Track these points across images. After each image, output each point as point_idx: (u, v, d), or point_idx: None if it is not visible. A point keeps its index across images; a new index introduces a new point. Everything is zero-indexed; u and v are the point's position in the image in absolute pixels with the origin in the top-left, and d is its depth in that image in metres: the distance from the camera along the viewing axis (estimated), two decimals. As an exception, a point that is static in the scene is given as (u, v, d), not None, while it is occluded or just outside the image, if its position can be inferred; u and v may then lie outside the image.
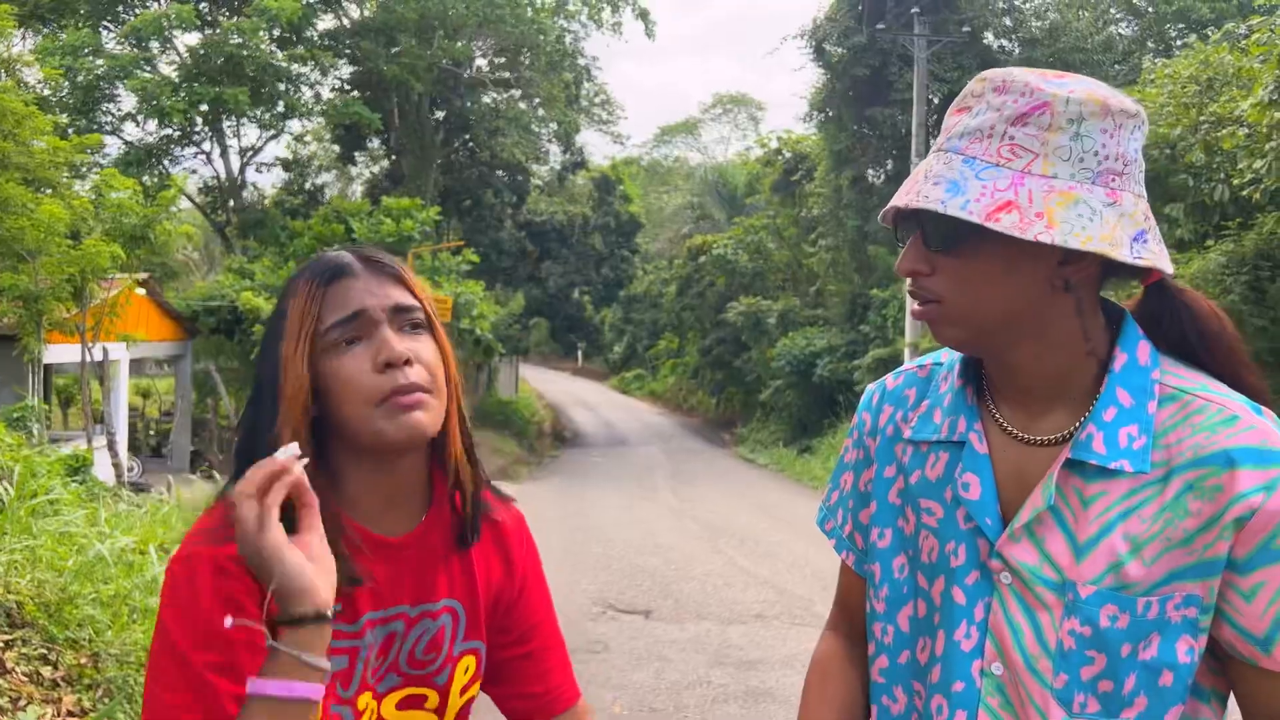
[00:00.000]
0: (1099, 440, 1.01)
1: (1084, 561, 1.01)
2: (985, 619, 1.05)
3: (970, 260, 1.01)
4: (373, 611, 1.11)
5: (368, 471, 1.10)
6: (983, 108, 1.01)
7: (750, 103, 49.88)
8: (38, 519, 5.09)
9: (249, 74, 19.30)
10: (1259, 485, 0.96)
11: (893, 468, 1.17)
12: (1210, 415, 1.00)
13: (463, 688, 1.19)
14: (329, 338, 1.06)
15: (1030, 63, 22.61)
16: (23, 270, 10.14)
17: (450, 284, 19.53)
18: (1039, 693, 1.01)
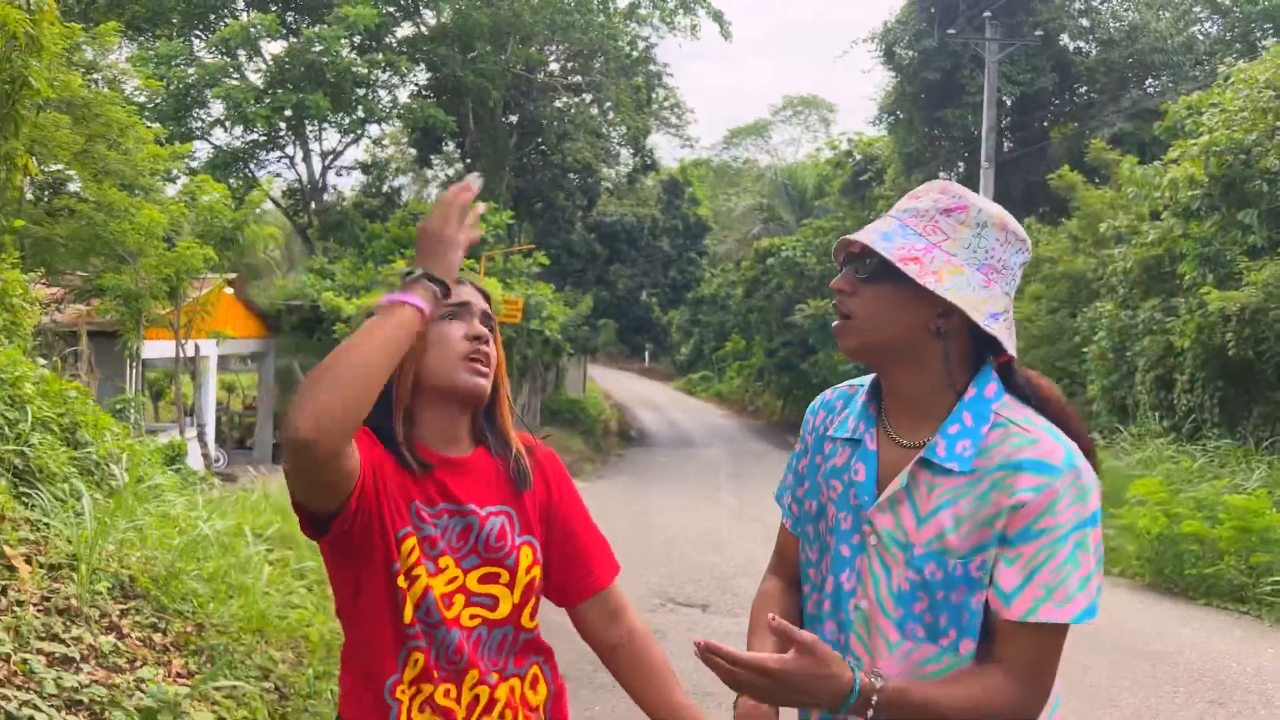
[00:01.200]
0: (941, 447, 1.39)
1: (921, 530, 1.39)
2: (859, 569, 1.45)
3: (880, 291, 1.40)
4: (446, 503, 1.57)
5: (435, 414, 1.58)
6: (927, 198, 1.43)
7: (821, 105, 49.70)
8: (142, 503, 5.55)
9: (330, 80, 19.98)
10: (1032, 487, 1.33)
11: (820, 456, 1.57)
12: (1021, 437, 1.37)
13: (526, 568, 1.61)
14: (441, 311, 1.50)
15: (1108, 64, 22.28)
16: (124, 271, 10.80)
17: (521, 286, 19.99)
18: (885, 622, 1.42)
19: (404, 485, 1.52)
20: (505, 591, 1.58)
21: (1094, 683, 5.18)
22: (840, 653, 1.37)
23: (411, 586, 1.50)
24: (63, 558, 4.25)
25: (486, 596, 1.57)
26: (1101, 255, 14.81)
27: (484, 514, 1.58)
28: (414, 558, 1.51)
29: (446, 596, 1.53)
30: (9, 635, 3.35)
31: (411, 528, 1.52)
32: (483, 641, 1.57)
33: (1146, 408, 12.59)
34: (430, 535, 1.53)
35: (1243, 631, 6.68)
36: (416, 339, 1.43)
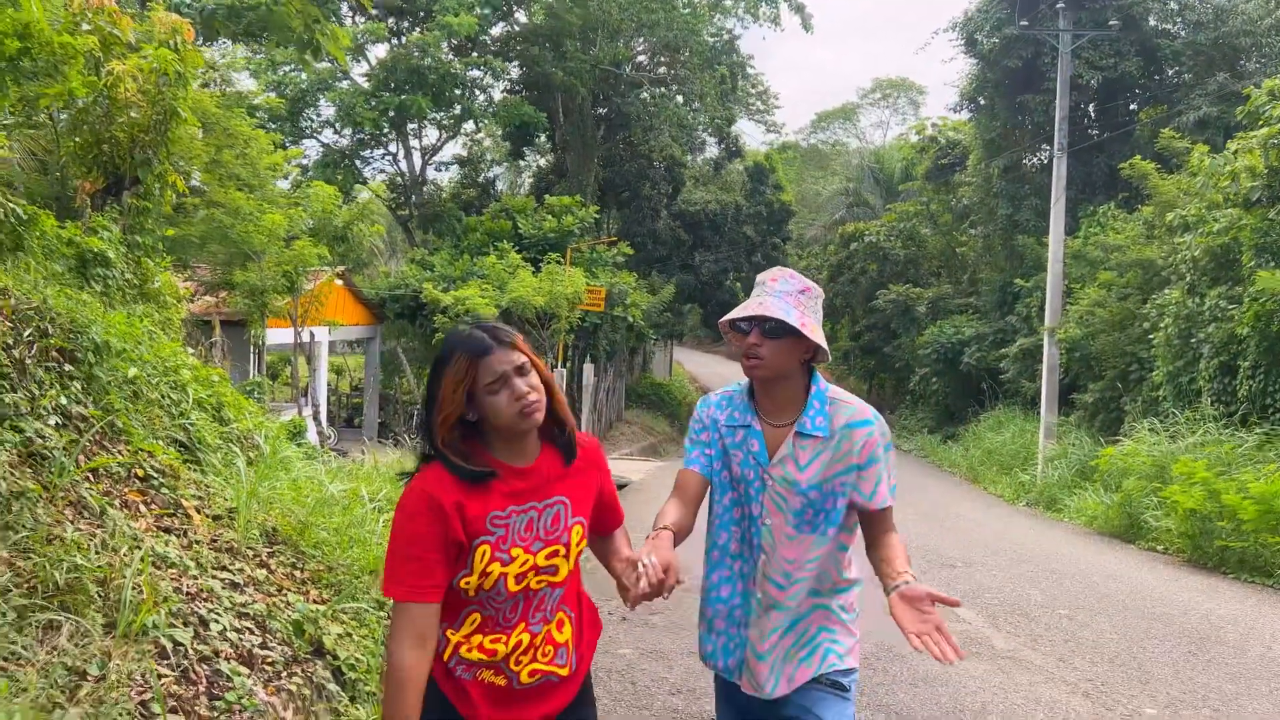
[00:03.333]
0: (809, 424, 2.40)
1: (803, 473, 2.40)
2: (763, 500, 2.42)
3: (780, 344, 2.37)
4: (515, 505, 2.10)
5: (505, 440, 2.12)
6: (785, 282, 2.41)
7: (910, 87, 49.34)
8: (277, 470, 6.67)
9: (431, 82, 21.22)
10: (865, 435, 2.37)
11: (718, 435, 2.52)
12: (847, 408, 2.41)
13: (577, 542, 2.19)
14: (488, 389, 2.03)
15: (1194, 47, 22.02)
16: (250, 268, 12.11)
17: (605, 275, 20.94)
18: (787, 528, 2.41)
19: (483, 504, 2.03)
20: (564, 562, 2.13)
21: (1085, 633, 5.87)
22: (754, 549, 2.45)
23: (486, 580, 2.03)
24: (223, 510, 5.34)
25: (551, 567, 2.11)
26: (1172, 243, 15.00)
27: (542, 506, 2.11)
28: (486, 559, 2.03)
29: (521, 575, 2.06)
30: (194, 564, 4.43)
31: (487, 536, 2.03)
32: (548, 598, 2.13)
33: (1210, 394, 12.86)
34: (502, 535, 2.04)
35: (1255, 600, 7.22)
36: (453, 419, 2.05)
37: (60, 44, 6.62)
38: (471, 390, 1.98)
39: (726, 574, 2.50)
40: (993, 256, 26.65)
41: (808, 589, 2.42)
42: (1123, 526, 10.90)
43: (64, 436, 4.39)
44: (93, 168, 8.11)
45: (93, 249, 7.27)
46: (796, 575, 2.39)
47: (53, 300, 5.13)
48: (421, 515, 1.96)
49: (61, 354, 4.93)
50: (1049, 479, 15.26)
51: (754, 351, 2.32)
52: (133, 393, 5.59)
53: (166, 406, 6.05)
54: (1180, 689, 4.79)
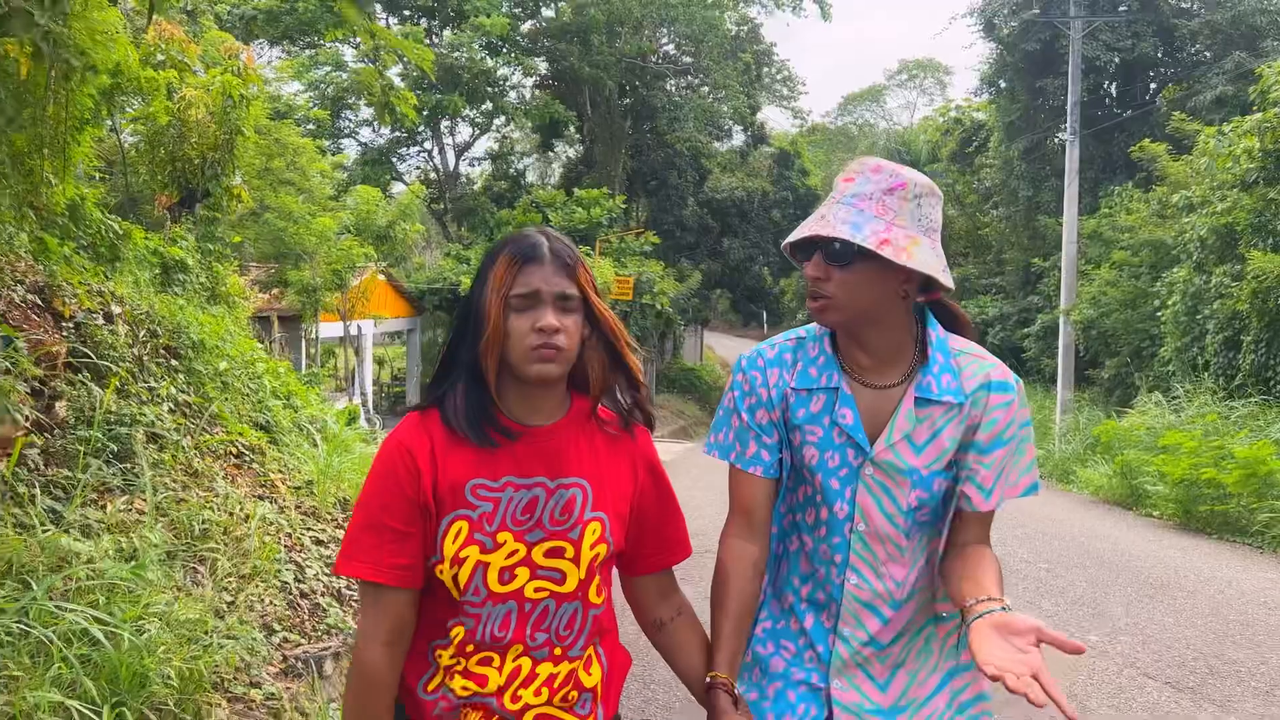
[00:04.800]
0: (934, 385, 1.66)
1: (922, 455, 1.67)
2: (853, 497, 1.69)
3: (853, 273, 1.60)
4: (513, 475, 1.56)
5: (518, 386, 1.57)
6: (864, 180, 1.62)
7: (937, 68, 49.51)
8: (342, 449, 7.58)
9: (464, 81, 22.10)
10: (1002, 404, 1.66)
11: (784, 405, 1.74)
12: (980, 364, 1.68)
13: (591, 544, 1.58)
14: (515, 303, 1.52)
15: (1211, 26, 22.33)
16: (303, 267, 13.06)
17: (634, 264, 21.75)
18: (893, 533, 1.70)
19: (467, 465, 1.54)
20: (571, 566, 1.57)
21: (1058, 582, 6.61)
22: (836, 570, 1.72)
23: (459, 568, 1.51)
24: (301, 482, 6.24)
25: (553, 570, 1.56)
26: (1180, 223, 15.52)
27: (553, 485, 1.57)
28: (461, 540, 1.52)
29: (507, 570, 1.53)
30: (286, 523, 5.32)
31: (464, 510, 1.53)
32: (551, 613, 1.58)
33: (1215, 368, 13.43)
34: (486, 513, 1.53)
35: (1227, 556, 7.90)
36: (496, 337, 1.52)
37: (146, 78, 7.52)
38: (505, 303, 1.53)
39: (788, 601, 1.82)
40: (1016, 237, 27.09)
41: (922, 618, 1.77)
42: (1124, 495, 11.55)
43: (175, 420, 5.28)
44: (168, 183, 9.04)
45: (174, 257, 8.18)
46: (904, 601, 1.73)
47: (158, 306, 6.03)
48: (394, 475, 1.53)
49: (168, 351, 5.84)
50: (1063, 452, 15.88)
51: (818, 289, 1.64)
52: (223, 383, 6.50)
53: (248, 395, 6.97)
54: (1126, 622, 5.53)
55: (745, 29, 30.59)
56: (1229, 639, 5.21)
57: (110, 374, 4.64)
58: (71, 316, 4.92)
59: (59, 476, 3.81)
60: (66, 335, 4.73)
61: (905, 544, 1.71)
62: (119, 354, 4.93)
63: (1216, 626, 5.47)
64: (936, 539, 1.75)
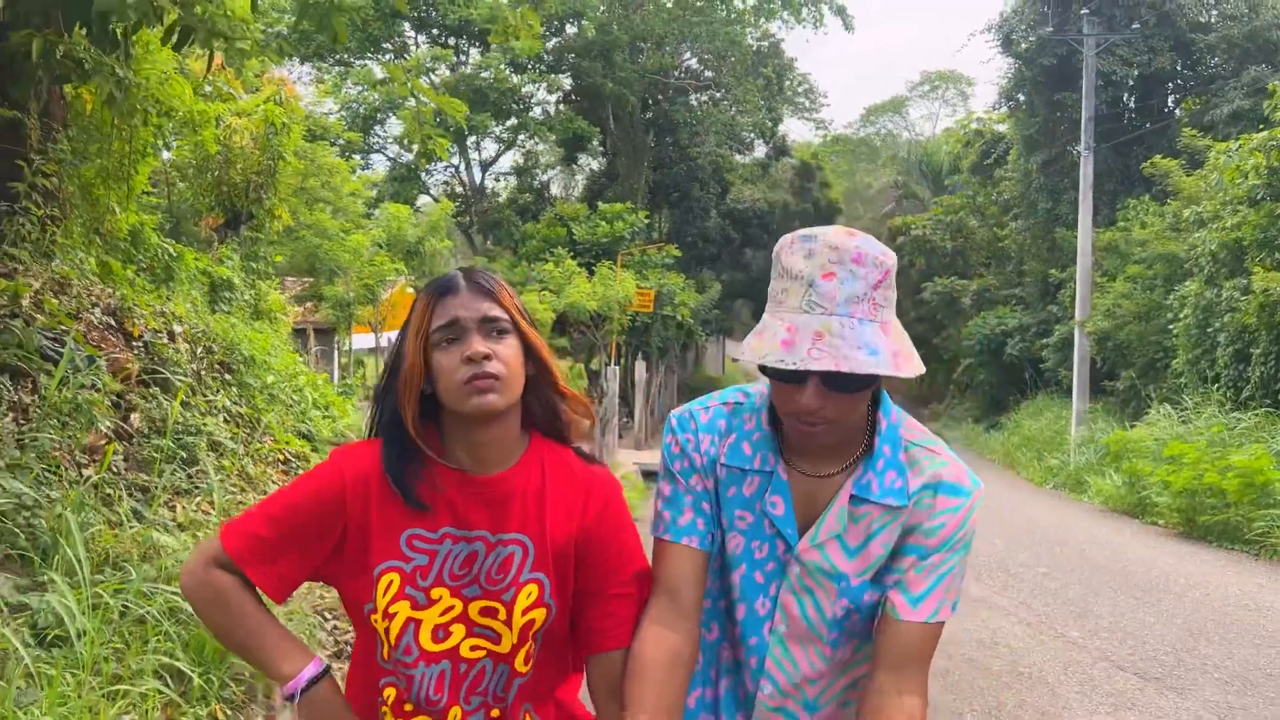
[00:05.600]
0: (875, 484, 1.46)
1: (854, 560, 1.48)
2: (776, 594, 1.51)
3: (858, 396, 1.41)
4: (451, 528, 1.46)
5: (461, 431, 1.47)
6: (849, 276, 1.35)
7: (959, 79, 49.65)
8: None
9: (492, 100, 22.71)
10: (949, 508, 1.46)
11: (714, 481, 1.55)
12: (932, 460, 1.48)
13: (524, 609, 1.46)
14: (434, 338, 1.44)
15: (1228, 41, 22.55)
16: (336, 282, 13.63)
17: (655, 276, 22.22)
18: (814, 639, 1.52)
19: (403, 512, 1.45)
20: (504, 628, 1.48)
21: (1052, 584, 6.97)
22: (750, 675, 1.55)
23: (390, 623, 1.43)
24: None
25: (489, 629, 1.48)
26: (1192, 238, 15.79)
27: (494, 540, 1.47)
28: (391, 593, 1.43)
29: (442, 628, 1.45)
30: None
31: (397, 561, 1.44)
32: (488, 674, 1.49)
33: (1225, 380, 13.70)
34: (421, 566, 1.45)
35: (1222, 562, 8.23)
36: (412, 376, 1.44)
37: (198, 110, 8.08)
38: (425, 342, 1.45)
39: (709, 695, 1.62)
40: (1035, 248, 27.32)
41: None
42: (1132, 504, 11.86)
43: (230, 430, 5.78)
44: (215, 206, 9.61)
45: (221, 276, 8.73)
46: (826, 701, 1.58)
47: (213, 325, 6.55)
48: (314, 493, 1.46)
49: (222, 366, 6.35)
50: (1078, 463, 16.16)
51: (814, 417, 1.42)
52: (270, 395, 7.01)
53: (291, 406, 7.48)
54: (1109, 621, 5.90)
55: (766, 44, 31.04)
56: (1203, 636, 5.57)
57: (176, 388, 5.14)
58: (140, 335, 5.44)
59: (139, 480, 4.31)
60: (137, 353, 5.24)
61: (830, 654, 1.53)
62: (182, 370, 5.44)
63: (1194, 625, 5.84)
64: (862, 649, 1.54)
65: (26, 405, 4.13)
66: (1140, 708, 4.37)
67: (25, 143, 5.59)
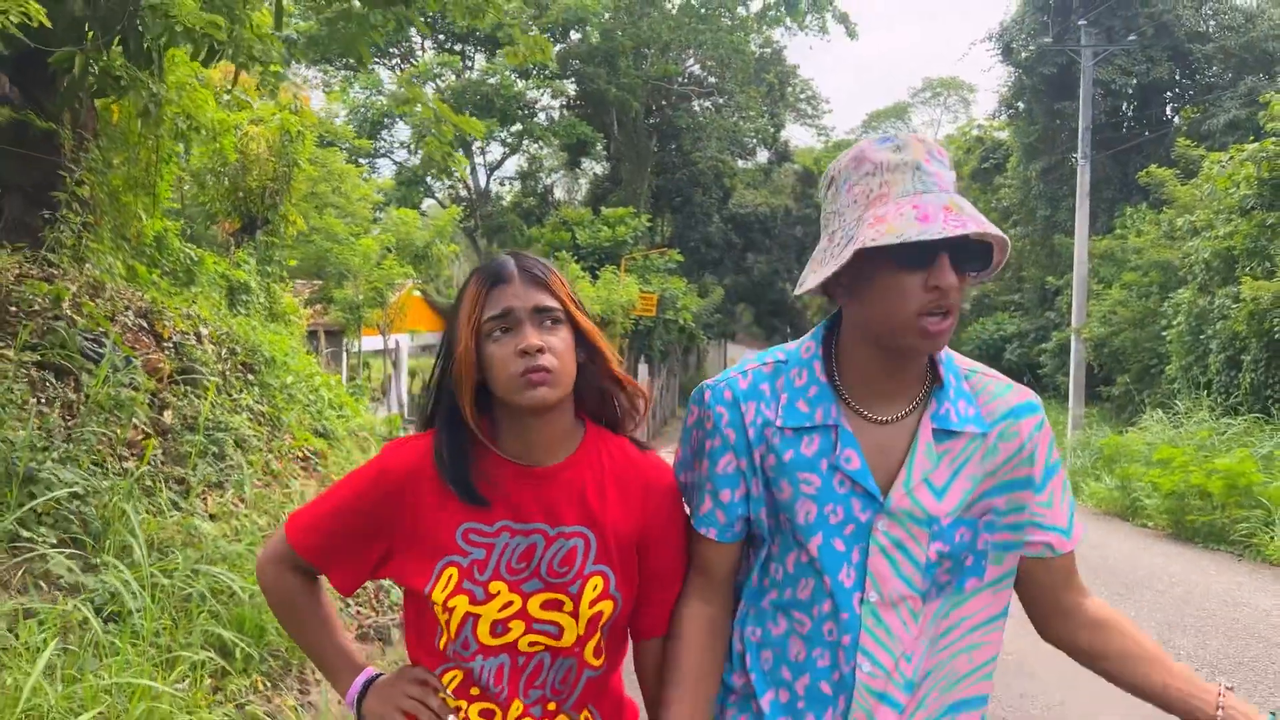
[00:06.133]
0: (953, 413, 1.39)
1: (943, 501, 1.38)
2: (863, 560, 1.37)
3: (979, 274, 1.36)
4: (509, 521, 1.45)
5: (514, 423, 1.46)
6: (941, 163, 1.32)
7: (961, 86, 50.06)
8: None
9: (498, 106, 23.04)
10: (1034, 427, 1.42)
11: (764, 448, 1.42)
12: (996, 384, 1.43)
13: (591, 601, 1.45)
14: (486, 328, 1.42)
15: (1225, 51, 22.85)
16: (345, 285, 13.92)
17: (658, 281, 22.52)
18: (909, 595, 1.38)
19: (459, 506, 1.44)
20: (569, 620, 1.45)
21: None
22: (845, 655, 1.38)
23: (449, 617, 1.42)
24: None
25: (550, 624, 1.45)
26: (1186, 246, 16.08)
27: (554, 534, 1.45)
28: (450, 588, 1.42)
29: (500, 623, 1.44)
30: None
31: (456, 555, 1.44)
32: (545, 667, 1.47)
33: (1217, 386, 13.98)
34: (478, 560, 1.43)
35: (1207, 561, 8.50)
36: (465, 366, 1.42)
37: (218, 119, 8.38)
38: (477, 331, 1.43)
39: (783, 696, 1.45)
40: (1034, 255, 27.62)
41: (940, 703, 1.45)
42: (1123, 507, 12.12)
43: (253, 428, 6.05)
44: (232, 212, 9.91)
45: (239, 279, 9.01)
46: (919, 682, 1.42)
47: (235, 327, 6.83)
48: (367, 490, 1.47)
49: (245, 367, 6.63)
50: (1073, 467, 16.43)
51: (948, 301, 1.30)
52: (288, 395, 7.30)
53: (308, 406, 7.76)
54: (1092, 615, 6.18)
55: (769, 51, 31.36)
56: (1179, 628, 5.84)
57: (205, 387, 5.43)
58: (170, 337, 5.72)
59: (174, 473, 4.59)
60: (168, 354, 5.52)
61: (920, 609, 1.39)
62: (209, 370, 5.73)
63: (1173, 619, 6.11)
64: (958, 606, 1.42)
65: (72, 402, 4.41)
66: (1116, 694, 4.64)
67: (59, 152, 5.89)
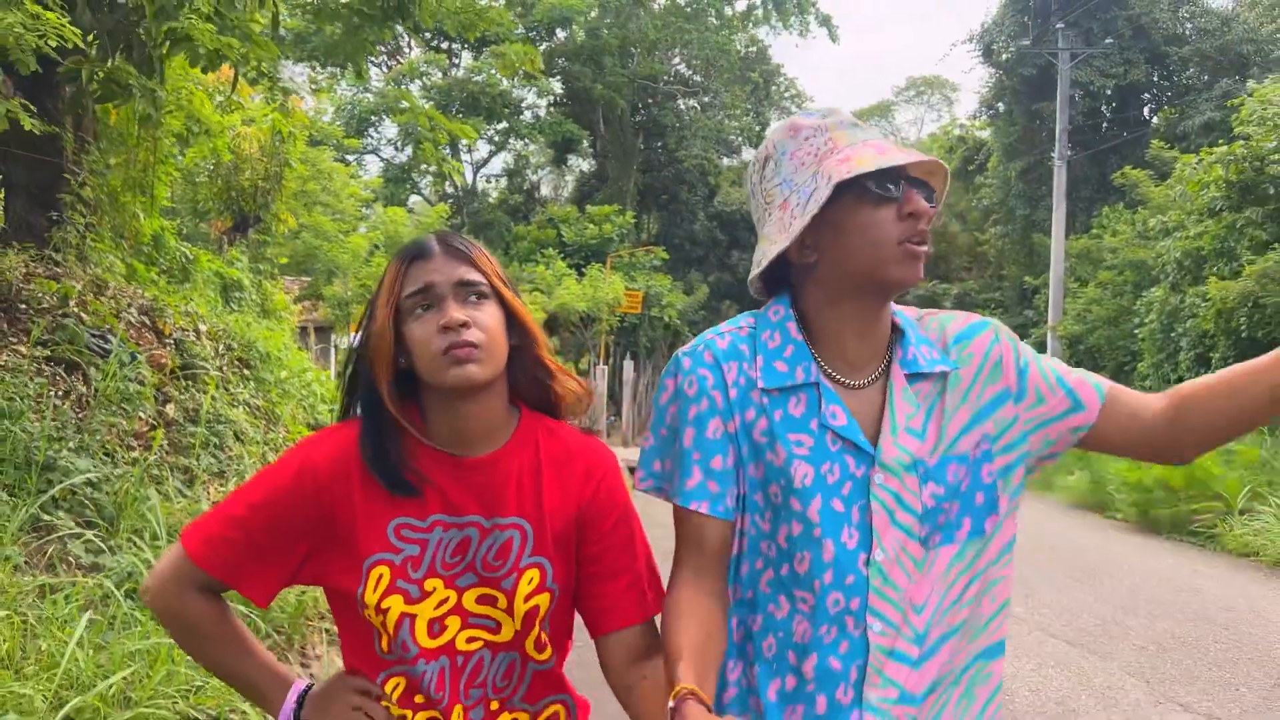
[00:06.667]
0: (920, 358, 1.35)
1: (923, 441, 1.33)
2: (863, 519, 1.30)
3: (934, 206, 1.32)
4: (442, 514, 1.36)
5: (443, 409, 1.36)
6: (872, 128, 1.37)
7: (944, 84, 50.42)
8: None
9: (484, 105, 23.25)
10: (990, 341, 1.37)
11: (752, 412, 1.34)
12: (939, 319, 1.40)
13: (526, 595, 1.38)
14: (407, 305, 1.33)
15: (1200, 54, 23.27)
16: (335, 283, 14.14)
17: (643, 278, 22.79)
18: (912, 546, 1.31)
19: (389, 500, 1.34)
20: (505, 616, 1.39)
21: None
22: (854, 620, 1.30)
23: (384, 618, 1.34)
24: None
25: (486, 618, 1.39)
26: (1158, 246, 16.48)
27: (488, 525, 1.37)
28: (382, 588, 1.33)
29: (436, 621, 1.36)
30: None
31: (386, 553, 1.34)
32: (485, 664, 1.40)
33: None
34: (412, 556, 1.35)
35: (1166, 551, 8.84)
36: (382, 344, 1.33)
37: (215, 121, 8.60)
38: (398, 310, 1.35)
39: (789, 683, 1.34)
40: (1014, 254, 28.03)
41: (960, 656, 1.37)
42: (1094, 501, 12.48)
43: (250, 420, 6.30)
44: (224, 210, 10.13)
45: (232, 277, 9.24)
46: (925, 633, 1.33)
47: (232, 324, 7.07)
48: (284, 489, 1.35)
49: (241, 362, 6.88)
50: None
51: (924, 225, 1.30)
52: (282, 390, 7.54)
53: (301, 400, 8.01)
54: (1050, 599, 6.48)
55: (754, 50, 31.63)
56: (1131, 611, 6.17)
57: (206, 381, 5.68)
58: (170, 334, 5.97)
59: (179, 462, 4.84)
60: (169, 349, 5.77)
61: (923, 557, 1.31)
62: (209, 365, 5.97)
63: (1125, 602, 6.43)
64: (983, 551, 1.35)
65: (82, 395, 4.65)
66: (1064, 666, 4.95)
67: (62, 154, 6.12)
